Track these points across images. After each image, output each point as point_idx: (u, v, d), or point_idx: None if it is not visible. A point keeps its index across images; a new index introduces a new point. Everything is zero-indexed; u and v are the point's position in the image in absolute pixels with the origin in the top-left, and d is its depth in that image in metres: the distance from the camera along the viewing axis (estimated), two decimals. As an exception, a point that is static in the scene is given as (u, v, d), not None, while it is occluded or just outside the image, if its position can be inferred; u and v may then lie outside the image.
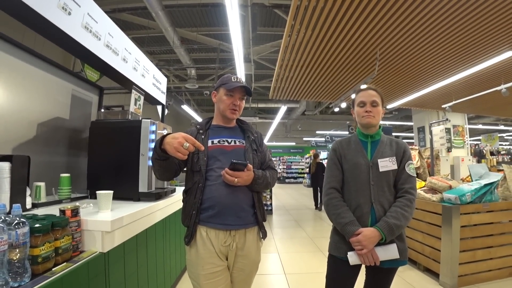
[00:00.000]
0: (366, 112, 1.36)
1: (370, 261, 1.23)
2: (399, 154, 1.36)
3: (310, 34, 3.42)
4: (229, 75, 1.40)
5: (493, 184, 2.76)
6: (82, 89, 2.28)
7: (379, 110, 1.37)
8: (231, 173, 1.21)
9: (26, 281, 0.93)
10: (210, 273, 1.23)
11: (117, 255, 1.41)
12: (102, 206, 1.45)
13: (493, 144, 11.76)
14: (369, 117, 1.36)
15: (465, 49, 3.77)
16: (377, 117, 1.37)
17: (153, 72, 2.94)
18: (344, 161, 1.40)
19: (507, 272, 2.74)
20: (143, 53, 2.68)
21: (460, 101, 5.91)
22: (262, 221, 1.36)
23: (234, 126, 1.46)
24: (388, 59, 4.12)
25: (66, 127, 2.10)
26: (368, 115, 1.36)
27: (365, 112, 1.37)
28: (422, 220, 2.93)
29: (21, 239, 0.92)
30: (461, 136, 8.20)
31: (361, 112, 1.38)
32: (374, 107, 1.36)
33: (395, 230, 1.21)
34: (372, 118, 1.36)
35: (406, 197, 1.29)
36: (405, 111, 10.08)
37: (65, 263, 1.11)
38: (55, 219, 1.12)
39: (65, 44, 1.73)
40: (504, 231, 2.76)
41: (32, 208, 1.47)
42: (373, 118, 1.36)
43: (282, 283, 2.76)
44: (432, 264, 2.77)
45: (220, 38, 6.70)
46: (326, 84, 5.32)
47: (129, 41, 2.38)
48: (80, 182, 2.06)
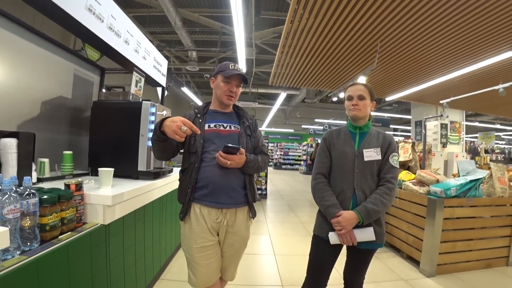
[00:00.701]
0: (353, 106, 1.45)
1: (348, 241, 1.35)
2: (384, 145, 1.45)
3: (312, 21, 3.42)
4: (227, 62, 1.46)
5: (479, 181, 2.85)
6: (84, 69, 2.32)
7: (366, 103, 1.45)
8: (224, 156, 1.30)
9: (35, 246, 1.04)
10: (202, 247, 1.34)
11: (117, 228, 1.52)
12: (104, 182, 1.55)
13: (489, 143, 11.88)
14: (355, 110, 1.45)
15: (465, 46, 3.79)
16: (364, 110, 1.45)
17: (154, 55, 2.96)
18: (333, 150, 1.50)
19: (484, 264, 2.89)
20: (144, 33, 2.70)
21: (458, 97, 5.94)
22: (252, 202, 1.47)
23: (231, 111, 1.54)
24: (388, 52, 4.14)
25: (69, 106, 2.16)
26: (354, 108, 1.45)
27: (352, 105, 1.46)
28: (408, 211, 3.05)
29: (32, 209, 1.02)
30: (457, 133, 8.28)
31: (349, 105, 1.48)
32: (361, 100, 1.45)
33: (372, 214, 1.32)
34: (358, 111, 1.45)
35: (386, 185, 1.39)
36: (404, 104, 10.10)
37: (69, 232, 1.22)
38: (61, 192, 1.22)
39: (68, 25, 1.76)
40: (485, 225, 2.88)
41: (37, 182, 1.56)
42: (359, 111, 1.45)
43: (271, 262, 2.92)
44: (415, 252, 2.90)
45: (223, 21, 6.60)
46: (326, 73, 5.33)
47: (131, 23, 2.39)
48: (81, 160, 2.14)
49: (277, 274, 2.64)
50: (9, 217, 0.93)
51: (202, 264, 1.35)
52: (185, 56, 8.74)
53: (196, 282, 1.37)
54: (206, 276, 1.37)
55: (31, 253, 0.99)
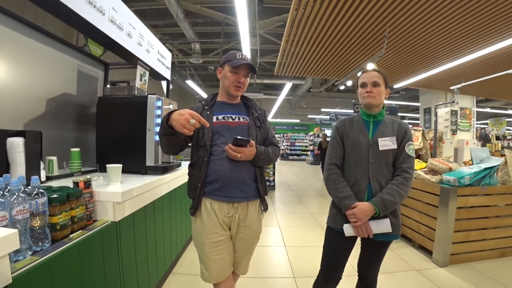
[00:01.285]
0: (367, 93, 1.39)
1: (364, 233, 1.31)
2: (400, 134, 1.39)
3: (318, 8, 3.31)
4: (234, 51, 1.40)
5: (493, 168, 2.78)
6: (88, 65, 2.29)
7: (381, 90, 1.39)
8: (234, 149, 1.26)
9: (47, 246, 1.03)
10: (214, 242, 1.32)
11: (128, 224, 1.51)
12: (112, 179, 1.53)
13: (500, 129, 11.61)
14: (369, 97, 1.39)
15: (477, 30, 3.63)
16: (378, 97, 1.39)
17: (157, 47, 2.92)
18: (346, 139, 1.44)
19: (498, 253, 2.84)
20: (146, 26, 2.64)
21: (469, 83, 5.76)
22: (264, 195, 1.44)
23: (239, 102, 1.49)
24: (397, 37, 4.00)
25: (74, 102, 2.14)
26: (368, 95, 1.39)
27: (366, 92, 1.40)
28: (420, 200, 3.00)
29: (41, 208, 1.01)
30: (467, 119, 8.08)
31: (363, 93, 1.42)
32: (375, 87, 1.39)
33: (389, 205, 1.28)
34: (373, 99, 1.39)
35: (403, 175, 1.33)
36: (412, 91, 9.89)
37: (80, 230, 1.21)
38: (70, 190, 1.20)
39: (69, 19, 1.72)
40: (500, 214, 2.82)
41: (46, 180, 1.56)
42: (374, 99, 1.39)
43: (282, 254, 2.91)
44: (427, 242, 2.87)
45: (225, 11, 6.49)
46: (333, 61, 5.21)
47: (133, 16, 2.35)
48: (89, 156, 2.14)
49: (289, 266, 2.63)
50: (18, 218, 0.92)
51: (214, 259, 1.34)
52: (189, 49, 8.66)
53: (209, 277, 1.36)
54: (219, 270, 1.36)
55: (43, 253, 0.98)
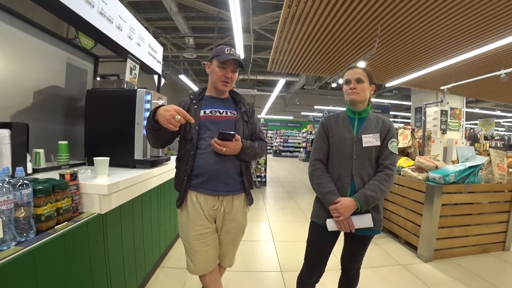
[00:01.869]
0: (350, 89, 1.41)
1: (346, 228, 1.35)
2: (383, 131, 1.42)
3: (310, 6, 3.33)
4: (223, 46, 1.41)
5: (478, 167, 2.85)
6: (77, 57, 2.27)
7: (364, 86, 1.41)
8: (219, 143, 1.28)
9: (31, 237, 1.04)
10: (200, 234, 1.35)
11: (114, 217, 1.52)
12: (100, 172, 1.54)
13: (489, 129, 11.84)
14: (353, 94, 1.41)
15: (467, 31, 3.70)
16: (362, 93, 1.41)
17: (148, 41, 2.90)
18: (331, 135, 1.46)
19: (480, 249, 2.93)
20: (139, 19, 2.63)
21: (459, 83, 5.86)
22: (249, 189, 1.46)
23: (227, 97, 1.51)
24: (389, 36, 4.05)
25: (62, 95, 2.12)
26: (352, 92, 1.41)
27: (349, 89, 1.42)
28: (406, 197, 3.07)
29: (25, 199, 1.01)
30: (457, 119, 8.24)
31: (346, 89, 1.44)
32: (359, 83, 1.41)
33: (370, 201, 1.31)
34: (356, 95, 1.41)
35: (385, 172, 1.37)
36: (404, 90, 10.01)
37: (66, 222, 1.21)
38: (56, 182, 1.21)
39: (57, 11, 1.70)
40: (483, 211, 2.90)
41: (33, 173, 1.55)
42: (357, 95, 1.41)
43: (271, 249, 2.95)
44: (412, 238, 2.94)
45: (219, 6, 6.44)
46: (325, 58, 5.24)
47: (123, 9, 2.32)
48: (77, 149, 2.13)
49: (276, 260, 2.67)
50: (2, 209, 0.93)
51: (200, 251, 1.36)
52: (182, 43, 8.58)
53: (194, 269, 1.39)
54: (204, 263, 1.38)
55: (27, 244, 0.99)
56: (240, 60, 1.39)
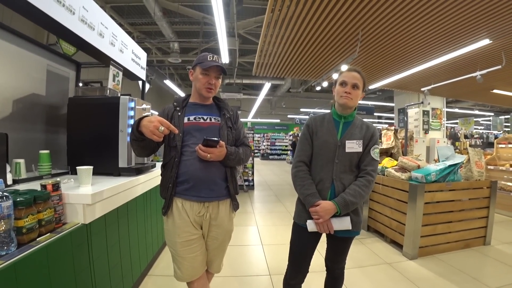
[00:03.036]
0: (345, 93, 1.39)
1: (325, 230, 1.38)
2: (367, 137, 1.44)
3: (293, 10, 3.40)
4: (206, 53, 1.43)
5: (457, 165, 2.96)
6: (58, 64, 2.23)
7: (358, 93, 1.42)
8: (204, 149, 1.29)
9: (12, 250, 1.01)
10: (186, 241, 1.35)
11: (99, 226, 1.50)
12: (83, 181, 1.51)
13: (469, 128, 12.32)
14: (346, 98, 1.39)
15: (444, 35, 3.88)
16: (355, 100, 1.42)
17: (132, 47, 2.87)
18: (315, 138, 1.47)
19: (462, 244, 3.04)
20: (123, 24, 2.61)
21: (438, 85, 6.10)
22: (235, 194, 1.47)
23: (211, 103, 1.52)
24: (370, 41, 4.18)
25: (43, 103, 2.07)
26: (346, 96, 1.39)
27: (344, 92, 1.40)
28: (391, 197, 3.15)
29: (6, 212, 0.99)
30: (438, 119, 8.53)
31: (341, 91, 1.41)
32: (354, 89, 1.40)
33: (350, 205, 1.35)
34: (350, 100, 1.40)
35: (366, 178, 1.40)
36: (388, 92, 10.28)
37: (49, 233, 1.19)
38: (37, 193, 1.18)
39: (37, 19, 1.67)
40: (464, 208, 3.02)
41: (13, 184, 1.50)
42: (351, 100, 1.40)
43: (259, 252, 2.96)
44: (398, 236, 3.02)
45: (204, 11, 6.46)
46: (309, 62, 5.35)
47: (105, 15, 2.30)
48: (60, 158, 2.08)
49: (265, 264, 2.68)
50: (-19, 222, 0.90)
51: (187, 258, 1.36)
52: (167, 47, 8.52)
53: (181, 276, 1.38)
54: (192, 269, 1.38)
55: (8, 257, 0.96)
56: (223, 66, 1.40)
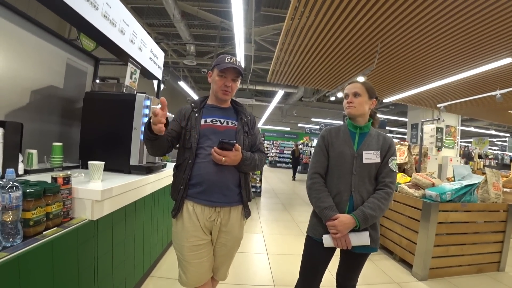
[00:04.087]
0: (348, 103, 1.43)
1: (343, 245, 1.32)
2: (384, 148, 1.40)
3: (313, 20, 3.38)
4: (224, 55, 1.40)
5: (474, 186, 2.86)
6: (78, 59, 2.25)
7: (362, 100, 1.41)
8: (219, 152, 1.25)
9: (18, 242, 0.99)
10: (194, 245, 1.30)
11: (106, 224, 1.47)
12: (93, 176, 1.49)
13: (483, 148, 12.00)
14: (349, 108, 1.42)
15: (465, 51, 3.78)
16: (359, 107, 1.41)
17: (150, 46, 2.89)
18: (331, 149, 1.44)
19: (475, 269, 2.90)
20: (142, 24, 2.63)
21: (455, 102, 5.96)
22: (247, 201, 1.42)
23: (229, 107, 1.49)
24: (388, 53, 4.11)
25: (60, 96, 2.08)
26: (349, 105, 1.42)
27: (347, 103, 1.43)
28: (402, 214, 3.04)
29: (14, 202, 0.96)
30: (452, 137, 8.34)
31: (345, 104, 1.46)
32: (356, 97, 1.41)
33: (369, 219, 1.29)
34: (353, 109, 1.41)
35: (385, 190, 1.35)
36: (401, 106, 10.13)
37: (55, 227, 1.16)
38: (47, 185, 1.16)
39: (61, 11, 1.68)
40: (478, 230, 2.89)
41: (24, 174, 1.50)
42: (354, 109, 1.41)
43: (264, 261, 2.89)
44: (407, 255, 2.90)
45: (222, 15, 6.53)
46: (325, 72, 5.30)
47: (127, 13, 2.32)
48: (72, 152, 2.08)
49: (270, 274, 2.61)
50: (-12, 211, 0.88)
51: (193, 263, 1.31)
52: (183, 50, 8.64)
53: (186, 281, 1.33)
54: (197, 275, 1.33)
55: (13, 250, 0.94)
56: (240, 69, 1.37)
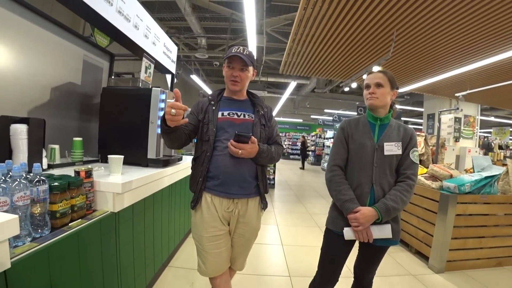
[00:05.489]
0: (370, 94, 1.38)
1: (364, 238, 1.31)
2: (405, 140, 1.37)
3: (326, 8, 3.29)
4: (234, 46, 1.39)
5: (494, 177, 2.77)
6: (94, 55, 2.29)
7: (384, 91, 1.36)
8: (235, 145, 1.26)
9: (46, 233, 1.04)
10: (213, 236, 1.33)
11: (127, 215, 1.52)
12: (113, 170, 1.54)
13: (503, 138, 11.53)
14: (372, 99, 1.37)
15: (485, 38, 3.60)
16: (381, 98, 1.36)
17: (164, 40, 2.91)
18: (351, 141, 1.42)
19: (494, 262, 2.83)
20: (153, 19, 2.64)
21: (475, 91, 5.72)
22: (264, 193, 1.44)
23: (245, 99, 1.48)
24: (405, 41, 3.97)
25: (78, 92, 2.14)
26: (371, 96, 1.37)
27: (369, 94, 1.38)
28: (419, 205, 2.99)
29: (42, 196, 1.01)
30: (471, 127, 8.04)
31: (366, 94, 1.41)
32: (378, 88, 1.37)
33: (392, 212, 1.27)
34: (375, 100, 1.36)
35: (406, 182, 1.32)
36: (417, 96, 9.84)
37: (80, 219, 1.21)
38: (71, 179, 1.21)
39: (76, 8, 1.71)
40: (498, 223, 2.81)
41: (48, 168, 1.56)
42: (376, 100, 1.36)
43: (279, 252, 2.92)
44: (424, 248, 2.86)
45: (233, 7, 6.46)
46: (338, 62, 5.18)
47: (140, 7, 2.34)
48: (91, 146, 2.14)
49: (285, 265, 2.64)
50: (19, 204, 0.92)
51: (212, 253, 1.34)
52: (195, 43, 8.64)
53: (205, 270, 1.37)
54: (216, 265, 1.37)
55: (42, 240, 0.98)
56: (246, 57, 1.32)
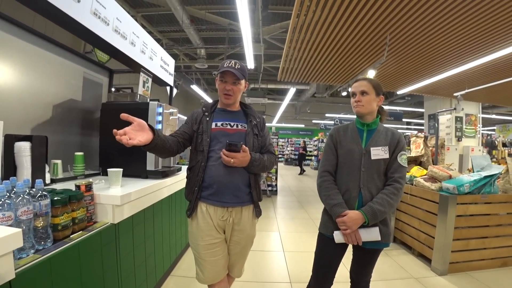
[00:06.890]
0: (355, 102, 1.43)
1: (353, 241, 1.34)
2: (392, 144, 1.40)
3: (319, 15, 3.36)
4: (226, 60, 1.44)
5: (494, 176, 2.75)
6: (93, 72, 2.38)
7: (369, 99, 1.41)
8: (227, 154, 1.30)
9: (48, 245, 1.09)
10: (209, 244, 1.38)
11: (126, 226, 1.57)
12: (113, 182, 1.60)
13: (508, 135, 11.43)
14: (358, 106, 1.43)
15: (480, 36, 3.64)
16: (367, 106, 1.41)
17: (160, 55, 3.00)
18: (339, 147, 1.46)
19: (499, 262, 2.80)
20: (153, 32, 2.73)
21: (473, 89, 5.73)
22: (258, 201, 1.47)
23: (238, 110, 1.53)
24: (398, 44, 4.03)
25: (79, 108, 2.22)
26: (357, 104, 1.43)
27: (354, 102, 1.44)
28: (419, 208, 2.99)
29: (44, 209, 1.07)
30: (473, 126, 8.01)
31: (352, 102, 1.46)
32: (363, 96, 1.41)
33: (378, 215, 1.30)
34: (361, 107, 1.42)
35: (394, 185, 1.35)
36: (417, 97, 9.85)
37: (81, 231, 1.27)
38: (72, 193, 1.27)
39: (75, 30, 1.79)
40: (501, 222, 2.79)
41: (51, 183, 1.63)
42: (362, 107, 1.41)
43: (280, 259, 2.93)
44: (426, 250, 2.85)
45: (230, 17, 6.60)
46: (335, 67, 5.25)
47: (136, 25, 2.43)
48: (92, 160, 2.21)
49: (286, 271, 2.65)
50: (23, 218, 0.98)
51: (209, 261, 1.38)
52: (194, 53, 8.79)
53: (203, 278, 1.41)
54: (213, 272, 1.40)
55: (45, 252, 1.04)
56: (238, 72, 1.37)
